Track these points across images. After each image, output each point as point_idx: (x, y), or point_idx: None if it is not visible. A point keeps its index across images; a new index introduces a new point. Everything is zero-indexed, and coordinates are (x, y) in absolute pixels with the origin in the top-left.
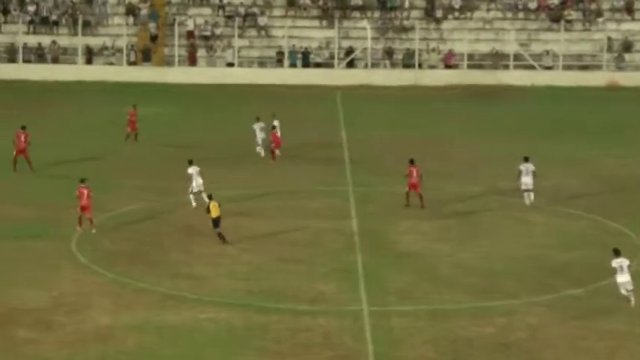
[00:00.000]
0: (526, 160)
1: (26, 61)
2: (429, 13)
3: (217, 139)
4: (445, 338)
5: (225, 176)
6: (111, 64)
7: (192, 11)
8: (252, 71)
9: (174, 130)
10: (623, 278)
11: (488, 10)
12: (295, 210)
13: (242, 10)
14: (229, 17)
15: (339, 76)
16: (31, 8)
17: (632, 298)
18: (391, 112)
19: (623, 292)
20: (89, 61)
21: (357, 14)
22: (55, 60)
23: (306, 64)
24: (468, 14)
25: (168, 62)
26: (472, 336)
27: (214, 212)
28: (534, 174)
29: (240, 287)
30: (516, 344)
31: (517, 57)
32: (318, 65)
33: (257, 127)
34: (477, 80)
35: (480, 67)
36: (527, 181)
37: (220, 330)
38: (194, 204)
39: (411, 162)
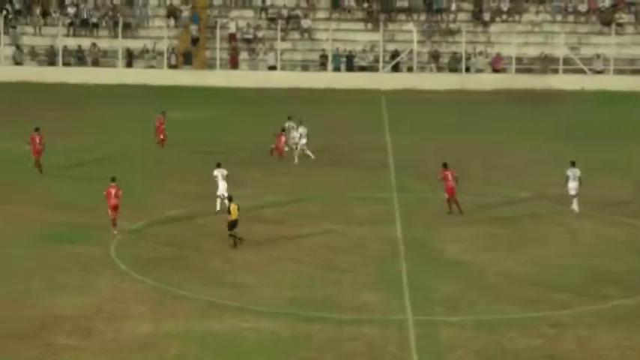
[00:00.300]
0: (573, 164)
1: (66, 64)
2: (476, 16)
3: (257, 143)
4: (492, 350)
5: (266, 181)
6: (151, 67)
7: (234, 13)
8: (294, 75)
9: (214, 135)
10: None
11: (537, 12)
12: (339, 216)
13: (285, 13)
14: (272, 20)
15: (383, 80)
16: (71, 10)
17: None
18: (437, 117)
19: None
20: (129, 64)
21: (402, 17)
22: (95, 63)
23: (350, 67)
24: (517, 17)
25: (209, 65)
26: (520, 347)
27: (234, 215)
28: (580, 180)
29: (284, 296)
30: (565, 356)
31: (567, 61)
32: (362, 69)
33: (289, 126)
34: (525, 85)
35: (528, 71)
36: (574, 185)
37: (264, 339)
38: (218, 208)
39: (445, 166)
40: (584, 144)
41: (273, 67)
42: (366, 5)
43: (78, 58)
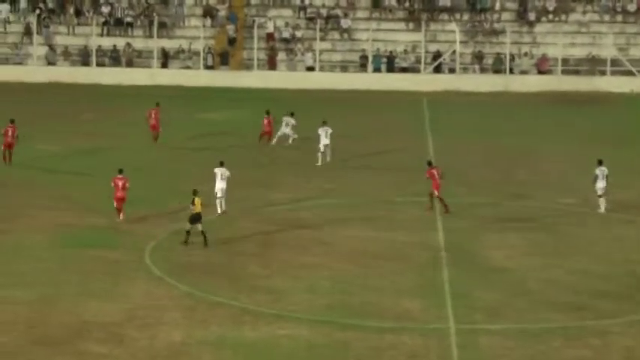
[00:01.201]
0: (600, 163)
1: (99, 64)
2: (521, 16)
3: (296, 146)
4: None
5: (305, 185)
6: (187, 67)
7: (272, 13)
8: (334, 76)
9: (250, 137)
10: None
11: (585, 12)
12: (378, 221)
13: (324, 12)
14: (311, 19)
15: (425, 82)
16: (105, 9)
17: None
18: (480, 120)
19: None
20: (164, 65)
21: (445, 16)
22: (130, 63)
23: (391, 68)
24: (563, 17)
25: (246, 66)
26: (565, 358)
27: (197, 207)
28: (607, 179)
29: (320, 302)
30: None
31: (615, 62)
32: (403, 70)
33: (322, 131)
34: (572, 86)
35: (575, 72)
36: (602, 185)
37: (300, 347)
38: (219, 210)
39: (429, 164)
40: (632, 148)
41: (311, 68)
42: (407, 5)
43: (112, 58)
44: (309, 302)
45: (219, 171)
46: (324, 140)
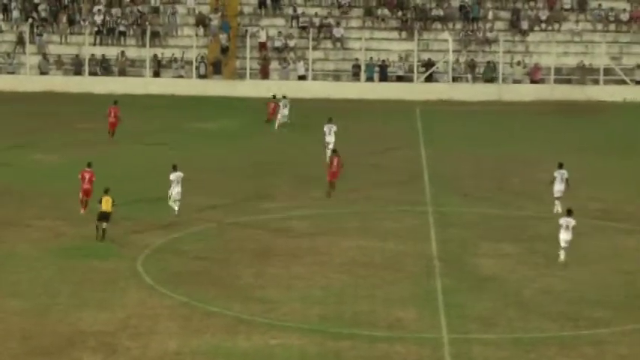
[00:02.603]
0: (560, 166)
1: (92, 73)
2: (514, 25)
3: (290, 155)
4: None
5: (298, 194)
6: (180, 77)
7: (264, 22)
8: (326, 85)
9: (244, 146)
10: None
11: (577, 21)
12: (372, 231)
13: (317, 21)
14: (303, 28)
15: (418, 91)
16: (98, 18)
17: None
18: (473, 129)
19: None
20: (157, 74)
21: (437, 25)
22: (122, 72)
23: (384, 77)
24: (556, 26)
25: (239, 75)
26: None
27: (105, 206)
28: (567, 182)
29: (314, 312)
30: None
31: (608, 71)
32: (396, 79)
33: (327, 128)
34: (565, 96)
35: (567, 81)
36: (560, 188)
37: (293, 356)
38: (176, 210)
39: (334, 151)
40: (625, 157)
41: (304, 77)
42: (400, 14)
43: (104, 67)
44: (303, 312)
45: (174, 176)
46: (329, 138)
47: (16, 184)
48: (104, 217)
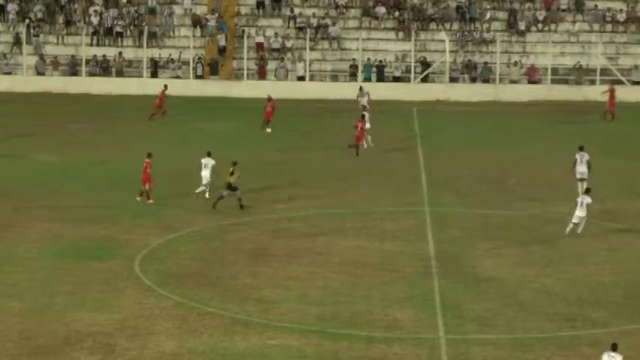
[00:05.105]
0: (581, 149)
1: (89, 74)
2: (511, 25)
3: (288, 156)
4: None
5: (298, 196)
6: (177, 77)
7: (262, 22)
8: (324, 85)
9: (241, 147)
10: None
11: (574, 22)
12: (370, 231)
13: (314, 22)
14: (300, 29)
15: (415, 91)
16: (95, 19)
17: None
18: (470, 129)
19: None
20: (154, 75)
21: (434, 26)
22: (120, 73)
23: (381, 78)
24: (553, 26)
25: (236, 76)
26: None
27: (230, 177)
28: (589, 163)
29: (311, 312)
30: None
31: (604, 71)
32: (393, 79)
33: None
34: (562, 96)
35: (564, 82)
36: (582, 170)
37: (290, 357)
38: (198, 190)
39: (362, 117)
40: (622, 157)
41: (301, 78)
42: (397, 14)
43: (102, 68)
44: (300, 312)
45: (204, 160)
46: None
47: (13, 185)
48: (229, 187)
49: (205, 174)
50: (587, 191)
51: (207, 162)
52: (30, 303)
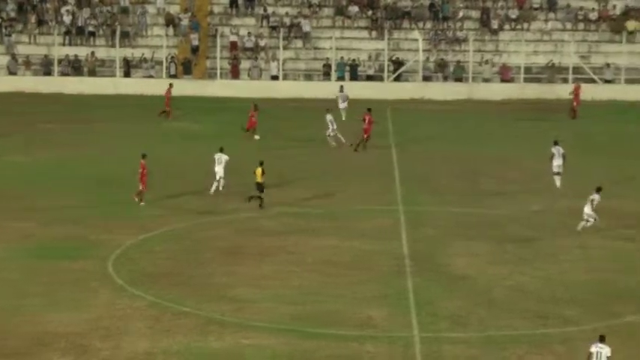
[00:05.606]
0: (556, 143)
1: (62, 74)
2: (484, 24)
3: (262, 155)
4: None
5: (272, 195)
6: (150, 77)
7: (235, 22)
8: (298, 84)
9: (215, 146)
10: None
11: (547, 20)
12: (343, 230)
13: (287, 21)
14: (274, 28)
15: (388, 90)
16: (67, 19)
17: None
18: (444, 128)
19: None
20: (127, 74)
21: (408, 25)
22: (92, 73)
23: (355, 77)
24: (526, 25)
25: (210, 75)
26: None
27: (258, 177)
28: (564, 157)
29: (285, 311)
30: None
31: (577, 70)
32: (367, 78)
33: (329, 117)
34: (535, 94)
35: (537, 80)
36: (558, 163)
37: (264, 356)
38: (212, 190)
39: (369, 110)
40: (595, 155)
41: (275, 77)
42: (370, 13)
43: (74, 67)
44: (274, 311)
45: (219, 156)
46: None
47: None
48: (258, 187)
49: (219, 169)
50: (598, 190)
51: (220, 157)
52: (2, 304)
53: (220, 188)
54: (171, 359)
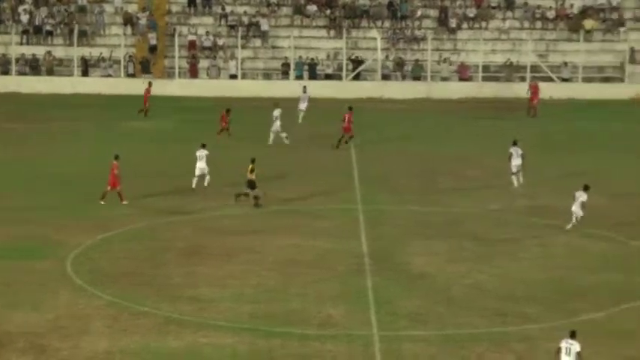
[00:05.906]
0: (514, 143)
1: (19, 72)
2: (442, 23)
3: (221, 154)
4: None
5: (229, 194)
6: (108, 76)
7: (193, 20)
8: (256, 83)
9: (175, 146)
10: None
11: (505, 19)
12: (302, 229)
13: (245, 20)
14: (232, 27)
15: (347, 89)
16: (25, 18)
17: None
18: (402, 127)
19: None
20: (85, 73)
21: (366, 24)
22: (50, 72)
23: (313, 76)
24: (483, 24)
25: (168, 74)
26: None
27: (249, 174)
28: (523, 157)
29: (245, 310)
30: None
31: (534, 68)
32: (325, 77)
33: (276, 113)
34: (493, 93)
35: (495, 79)
36: (516, 163)
37: (224, 356)
38: (193, 186)
39: (350, 109)
40: (553, 153)
41: (234, 76)
42: (328, 12)
43: (32, 66)
44: (234, 310)
45: (199, 153)
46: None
47: None
48: (249, 184)
49: (201, 165)
50: (586, 188)
51: (202, 153)
52: None
53: (205, 184)
54: (129, 358)
